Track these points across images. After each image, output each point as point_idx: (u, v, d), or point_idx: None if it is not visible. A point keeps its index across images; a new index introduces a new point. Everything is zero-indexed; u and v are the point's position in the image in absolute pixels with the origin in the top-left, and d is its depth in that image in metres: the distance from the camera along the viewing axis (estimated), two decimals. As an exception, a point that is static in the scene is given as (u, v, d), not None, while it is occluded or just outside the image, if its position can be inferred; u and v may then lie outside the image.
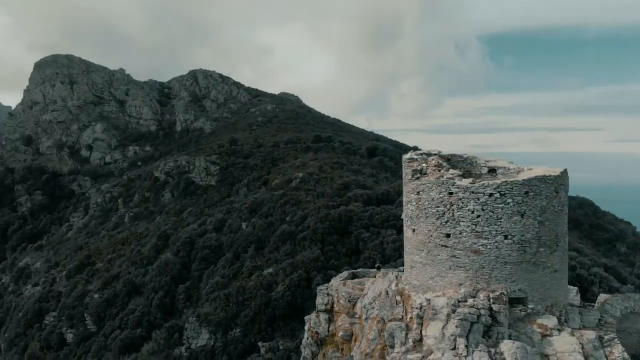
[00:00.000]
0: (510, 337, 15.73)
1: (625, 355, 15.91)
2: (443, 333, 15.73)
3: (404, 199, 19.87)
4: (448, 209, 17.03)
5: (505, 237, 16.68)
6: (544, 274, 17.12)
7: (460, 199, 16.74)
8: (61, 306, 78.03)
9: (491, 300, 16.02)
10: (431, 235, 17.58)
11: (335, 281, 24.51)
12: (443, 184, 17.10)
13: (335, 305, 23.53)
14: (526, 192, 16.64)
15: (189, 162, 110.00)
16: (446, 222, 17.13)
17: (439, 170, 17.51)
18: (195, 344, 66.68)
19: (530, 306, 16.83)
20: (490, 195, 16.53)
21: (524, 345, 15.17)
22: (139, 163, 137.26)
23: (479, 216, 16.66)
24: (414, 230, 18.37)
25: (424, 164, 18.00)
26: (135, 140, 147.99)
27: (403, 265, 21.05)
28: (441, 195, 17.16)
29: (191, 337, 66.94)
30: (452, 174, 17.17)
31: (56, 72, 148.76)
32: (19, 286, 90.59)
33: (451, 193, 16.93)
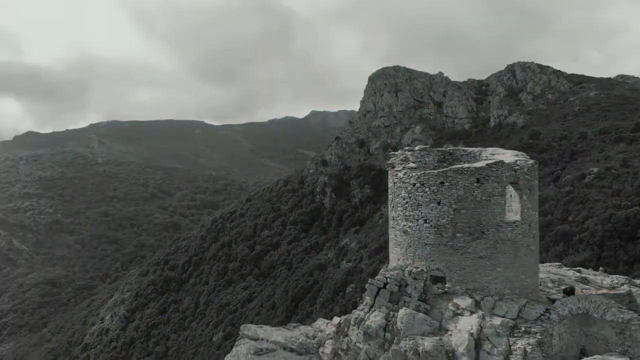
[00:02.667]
0: (419, 308, 17.77)
1: (528, 348, 15.65)
2: (376, 297, 19.16)
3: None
4: (394, 196, 19.79)
5: (425, 221, 18.38)
6: (464, 258, 17.81)
7: (398, 188, 19.35)
8: (358, 279, 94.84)
9: (412, 275, 18.33)
10: (389, 218, 20.51)
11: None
12: (393, 175, 19.91)
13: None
14: (441, 183, 17.93)
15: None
16: (393, 207, 19.92)
17: (402, 164, 20.23)
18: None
19: (447, 285, 17.99)
20: (414, 184, 18.59)
21: (414, 313, 17.24)
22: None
23: (407, 202, 18.92)
24: (390, 215, 21.46)
25: (395, 159, 20.86)
26: (449, 139, 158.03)
27: None
28: (391, 185, 20.00)
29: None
30: (401, 167, 19.76)
31: (384, 82, 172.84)
32: (338, 261, 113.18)
33: (394, 183, 19.64)
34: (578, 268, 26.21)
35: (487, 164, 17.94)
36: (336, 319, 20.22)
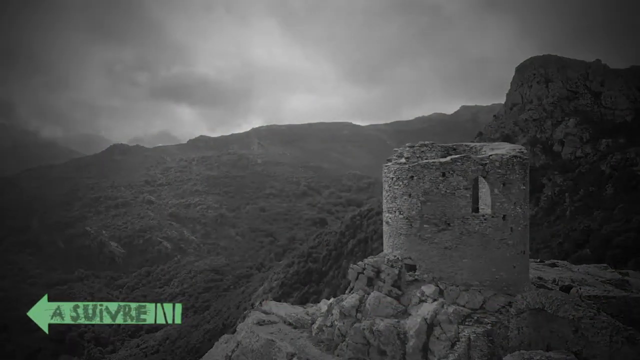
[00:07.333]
0: (390, 293, 18.89)
1: (473, 336, 15.99)
2: (363, 281, 20.75)
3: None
4: (385, 189, 21.00)
5: (400, 213, 19.23)
6: (431, 248, 18.28)
7: (385, 181, 20.54)
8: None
9: (389, 263, 19.48)
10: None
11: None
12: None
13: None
14: (411, 177, 18.66)
15: (639, 153, 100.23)
16: (384, 199, 21.09)
17: (397, 159, 21.32)
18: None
19: (417, 273, 18.67)
20: (392, 178, 19.60)
21: (381, 297, 18.47)
22: (610, 156, 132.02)
23: (388, 195, 19.99)
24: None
25: (393, 155, 21.90)
26: (607, 133, 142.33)
27: None
28: (383, 179, 21.19)
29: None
30: (393, 162, 20.84)
31: (533, 73, 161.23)
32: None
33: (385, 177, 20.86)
34: (626, 271, 24.37)
35: (451, 159, 18.40)
36: (330, 300, 22.21)
